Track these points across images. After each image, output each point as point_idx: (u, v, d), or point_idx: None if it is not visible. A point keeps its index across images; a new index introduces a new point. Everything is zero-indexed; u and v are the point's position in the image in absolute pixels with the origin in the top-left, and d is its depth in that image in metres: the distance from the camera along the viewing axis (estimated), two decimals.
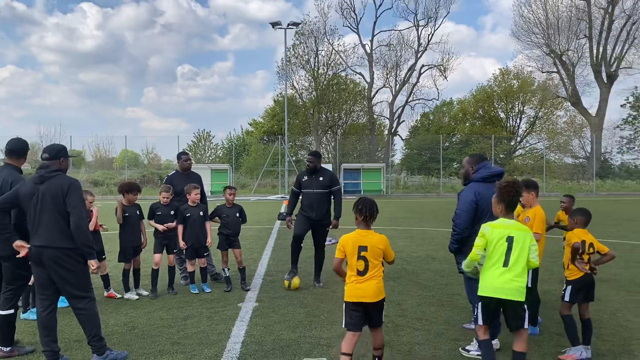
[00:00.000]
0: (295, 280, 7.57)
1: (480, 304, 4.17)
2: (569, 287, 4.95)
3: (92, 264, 4.60)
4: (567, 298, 4.95)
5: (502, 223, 4.18)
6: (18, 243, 4.60)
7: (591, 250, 4.99)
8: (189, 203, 7.41)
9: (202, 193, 7.77)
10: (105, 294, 7.11)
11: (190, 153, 9.20)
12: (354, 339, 4.24)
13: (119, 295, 7.12)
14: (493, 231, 4.13)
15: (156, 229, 7.25)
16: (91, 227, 6.21)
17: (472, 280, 4.90)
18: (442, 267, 9.10)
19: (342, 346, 4.23)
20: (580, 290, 4.93)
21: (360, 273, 4.23)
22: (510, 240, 4.07)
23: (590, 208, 6.15)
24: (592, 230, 5.79)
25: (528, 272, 4.41)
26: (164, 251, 7.33)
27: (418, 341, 5.26)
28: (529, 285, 5.08)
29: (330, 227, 7.92)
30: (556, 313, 5.73)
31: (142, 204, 7.23)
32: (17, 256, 4.62)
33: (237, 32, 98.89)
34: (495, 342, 4.98)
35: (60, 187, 4.49)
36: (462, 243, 4.96)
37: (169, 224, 7.22)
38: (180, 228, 7.32)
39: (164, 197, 7.35)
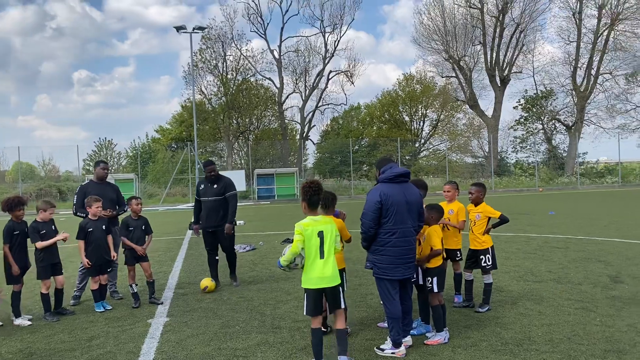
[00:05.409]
0: (210, 283, 7.64)
1: (306, 295, 4.61)
2: (435, 279, 5.34)
3: None
4: (436, 289, 5.34)
5: (311, 221, 4.62)
6: None
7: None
8: (90, 216, 6.97)
9: (121, 204, 7.74)
10: None
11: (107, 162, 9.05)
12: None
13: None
14: (307, 229, 4.56)
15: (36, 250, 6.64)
16: None
17: (382, 280, 5.00)
18: (355, 268, 9.16)
19: None
20: (442, 277, 5.41)
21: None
22: (321, 234, 4.56)
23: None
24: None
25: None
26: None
27: (333, 343, 5.27)
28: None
29: (225, 232, 7.83)
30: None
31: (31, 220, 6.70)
32: None
33: (136, 37, 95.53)
34: (408, 339, 5.11)
35: None
36: (369, 241, 5.08)
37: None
38: (81, 244, 6.87)
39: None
